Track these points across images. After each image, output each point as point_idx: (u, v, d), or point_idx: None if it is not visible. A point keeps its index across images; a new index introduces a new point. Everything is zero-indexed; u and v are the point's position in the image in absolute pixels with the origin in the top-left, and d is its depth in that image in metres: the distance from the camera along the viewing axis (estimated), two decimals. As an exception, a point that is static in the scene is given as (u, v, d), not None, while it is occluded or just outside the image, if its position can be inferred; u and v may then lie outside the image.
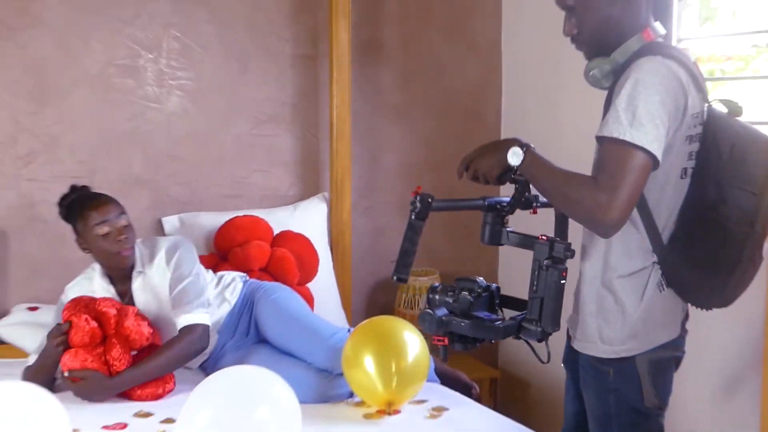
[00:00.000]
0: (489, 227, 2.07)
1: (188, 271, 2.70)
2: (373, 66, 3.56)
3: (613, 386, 2.03)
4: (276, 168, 3.46)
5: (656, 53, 1.95)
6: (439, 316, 2.02)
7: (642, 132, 1.86)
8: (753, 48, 3.04)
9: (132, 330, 2.58)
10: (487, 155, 2.04)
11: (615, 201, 1.84)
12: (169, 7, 3.24)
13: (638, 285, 2.01)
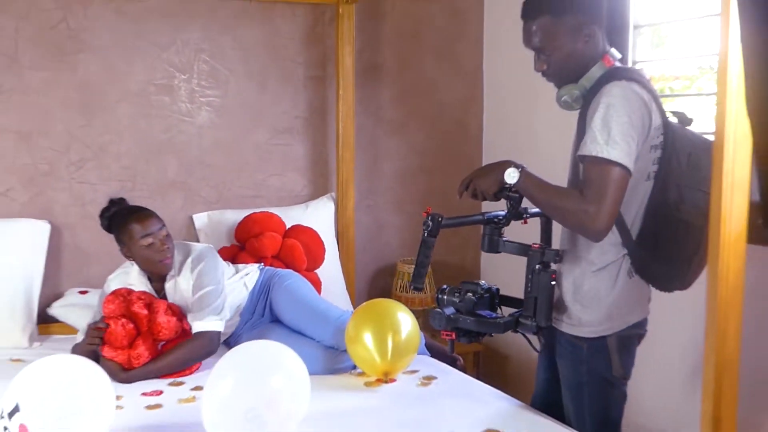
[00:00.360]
0: (488, 237, 2.11)
1: (208, 281, 2.65)
2: (373, 85, 3.59)
3: (586, 359, 2.08)
4: (290, 172, 3.49)
5: (621, 78, 1.99)
6: (448, 314, 2.09)
7: (617, 149, 1.90)
8: (698, 69, 3.04)
9: (162, 326, 2.55)
10: (486, 175, 2.07)
11: (602, 211, 1.90)
12: (199, 35, 3.28)
13: (611, 275, 2.06)
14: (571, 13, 2.02)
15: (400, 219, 3.71)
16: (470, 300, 2.09)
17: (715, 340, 1.70)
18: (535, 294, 2.04)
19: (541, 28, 2.03)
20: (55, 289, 3.14)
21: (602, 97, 1.96)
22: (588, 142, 1.93)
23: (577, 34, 2.03)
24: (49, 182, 3.16)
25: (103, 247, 3.16)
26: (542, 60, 2.07)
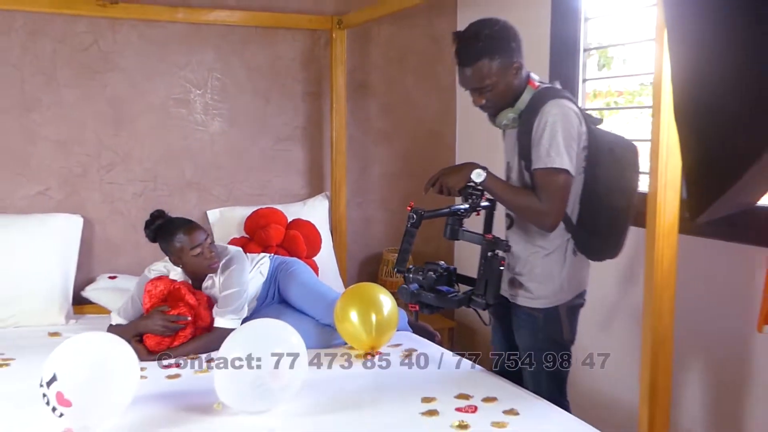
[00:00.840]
0: (450, 227, 2.12)
1: (235, 283, 2.60)
2: (362, 100, 3.59)
3: (543, 326, 2.13)
4: (291, 174, 3.49)
5: (553, 97, 2.05)
6: (412, 290, 2.10)
7: (562, 158, 1.97)
8: (639, 85, 3.06)
9: (204, 318, 2.56)
10: (454, 174, 2.09)
11: (554, 211, 2.00)
12: (212, 56, 3.28)
13: (560, 255, 2.11)
14: (502, 54, 2.03)
15: (385, 214, 3.71)
16: (431, 278, 2.10)
17: (652, 318, 1.71)
18: (486, 277, 2.06)
19: (479, 71, 2.03)
20: (88, 274, 3.14)
21: (544, 116, 2.01)
22: (541, 156, 1.99)
23: (509, 70, 2.05)
24: (82, 183, 3.15)
25: (129, 238, 3.18)
26: (481, 96, 2.08)
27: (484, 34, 2.01)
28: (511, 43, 2.05)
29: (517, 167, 2.14)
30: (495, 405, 2.05)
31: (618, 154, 2.10)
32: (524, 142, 2.07)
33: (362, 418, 1.99)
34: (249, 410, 1.99)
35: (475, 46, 2.01)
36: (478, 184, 2.04)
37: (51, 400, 1.83)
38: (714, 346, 2.47)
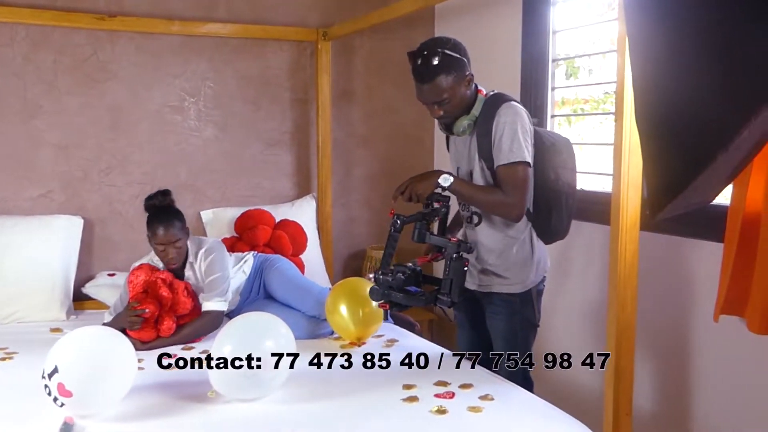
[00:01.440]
0: (417, 231, 2.11)
1: (218, 269, 2.60)
2: (346, 107, 3.58)
3: (519, 309, 2.17)
4: (280, 177, 3.47)
5: (506, 101, 2.11)
6: (382, 291, 2.08)
7: (522, 152, 2.03)
8: (603, 94, 3.07)
9: (182, 305, 2.51)
10: (422, 181, 2.10)
11: (519, 201, 2.06)
12: (205, 66, 3.26)
13: (527, 243, 2.17)
14: (456, 69, 2.06)
15: (369, 214, 3.71)
16: (400, 279, 2.08)
17: (616, 307, 1.72)
18: (452, 276, 2.06)
19: (436, 87, 2.05)
20: (88, 272, 3.10)
21: (501, 118, 2.07)
22: (504, 152, 2.05)
23: (462, 82, 2.08)
24: (82, 185, 3.12)
25: (127, 237, 3.15)
26: (439, 109, 2.10)
27: (440, 52, 2.03)
28: (463, 57, 2.09)
29: (478, 168, 2.17)
30: (471, 391, 2.05)
31: (559, 146, 2.20)
32: (484, 144, 2.11)
33: (348, 404, 1.98)
34: (241, 398, 1.98)
35: (432, 64, 2.03)
36: (446, 188, 2.07)
37: (53, 391, 1.82)
38: (674, 335, 2.50)
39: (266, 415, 1.91)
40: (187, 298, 2.56)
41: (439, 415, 1.89)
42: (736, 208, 2.13)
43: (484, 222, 2.20)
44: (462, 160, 2.24)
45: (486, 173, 2.14)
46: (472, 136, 2.17)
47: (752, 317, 2.10)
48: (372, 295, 2.10)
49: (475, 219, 2.23)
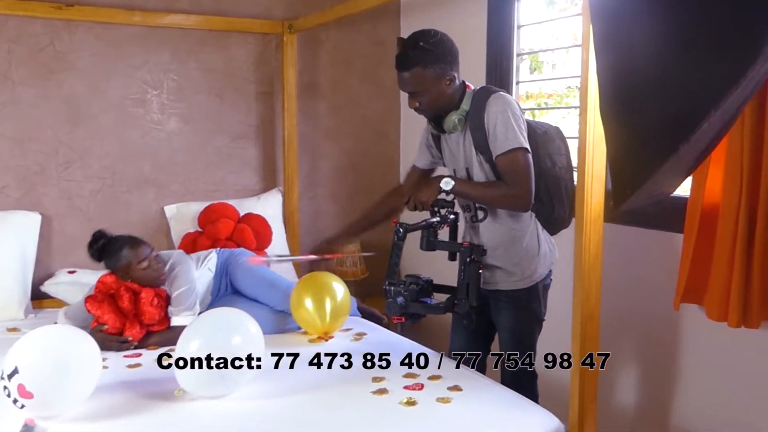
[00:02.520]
0: (425, 239, 2.09)
1: (183, 282, 2.55)
2: (312, 100, 3.56)
3: (526, 304, 2.16)
4: (245, 170, 3.44)
5: (494, 92, 2.10)
6: (400, 303, 2.08)
7: (518, 138, 2.01)
8: (567, 88, 3.13)
9: (148, 314, 2.46)
10: (424, 188, 2.09)
11: (525, 189, 2.03)
12: (168, 58, 3.20)
13: (534, 235, 2.15)
14: (435, 65, 2.04)
15: (335, 207, 3.71)
16: (414, 290, 2.09)
17: (581, 297, 1.75)
18: (467, 281, 2.07)
19: (413, 77, 2.05)
20: (47, 269, 3.02)
21: (491, 108, 2.05)
22: (500, 142, 2.02)
23: (441, 79, 2.07)
24: (40, 180, 3.04)
25: (87, 233, 3.03)
26: (415, 100, 2.10)
27: (420, 44, 2.03)
28: (447, 56, 2.07)
29: (476, 163, 2.14)
30: (440, 383, 2.07)
31: (551, 134, 2.19)
32: (479, 138, 2.09)
33: (317, 398, 1.99)
34: (209, 395, 1.96)
35: (411, 54, 2.03)
36: (449, 191, 2.05)
37: (12, 393, 1.77)
38: (637, 323, 2.56)
39: (234, 411, 1.90)
40: (155, 308, 2.49)
41: (409, 406, 1.90)
42: (695, 200, 2.20)
43: (489, 218, 2.18)
44: (458, 159, 2.22)
45: (485, 167, 2.12)
46: (465, 133, 2.15)
47: (711, 305, 2.17)
48: (388, 310, 2.09)
49: (480, 215, 2.20)
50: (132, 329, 2.45)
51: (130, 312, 2.46)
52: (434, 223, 2.09)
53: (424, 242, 2.10)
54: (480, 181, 2.16)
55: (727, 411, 2.28)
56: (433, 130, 2.27)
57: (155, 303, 2.50)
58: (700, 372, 2.35)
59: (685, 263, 2.23)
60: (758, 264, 2.02)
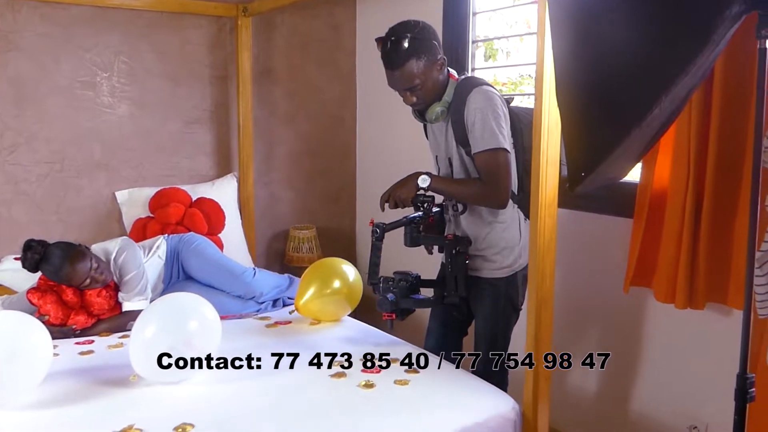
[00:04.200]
0: (409, 235, 2.09)
1: (131, 268, 2.52)
2: (268, 85, 3.52)
3: (504, 293, 2.16)
4: (199, 155, 3.38)
5: (476, 85, 2.07)
6: (392, 299, 2.07)
7: (496, 138, 2.00)
8: (520, 76, 3.18)
9: (96, 305, 2.43)
10: (402, 187, 2.08)
11: (500, 189, 2.03)
12: (119, 40, 3.11)
13: (515, 225, 2.15)
14: (427, 52, 2.02)
15: (292, 193, 3.69)
16: (403, 286, 2.10)
17: (536, 280, 1.79)
18: (455, 273, 2.08)
19: (408, 72, 2.01)
20: (-7, 256, 2.92)
21: (472, 104, 2.03)
22: (477, 140, 2.02)
23: (434, 66, 2.05)
24: (-16, 165, 2.92)
25: (35, 219, 3.00)
26: (412, 95, 2.06)
27: (409, 36, 1.99)
28: (433, 41, 2.05)
29: (457, 155, 2.14)
30: (397, 365, 2.09)
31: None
32: (459, 131, 2.08)
33: (274, 381, 1.98)
34: (165, 381, 1.94)
35: (403, 48, 1.98)
36: (426, 188, 2.05)
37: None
38: (590, 306, 2.63)
39: (190, 396, 1.88)
40: (104, 299, 2.46)
41: (367, 389, 1.92)
42: (644, 186, 2.27)
43: (470, 209, 2.19)
44: (440, 148, 2.21)
45: (465, 159, 2.12)
46: (448, 123, 2.14)
47: (659, 288, 2.25)
48: (381, 307, 2.08)
49: (460, 207, 2.20)
50: (77, 317, 2.40)
51: (76, 304, 2.42)
52: (416, 218, 2.09)
53: (407, 238, 2.09)
54: (460, 172, 2.16)
55: (675, 390, 2.37)
56: (416, 117, 2.24)
57: (103, 294, 2.46)
58: (650, 352, 2.44)
59: (634, 247, 2.30)
60: (704, 248, 2.10)
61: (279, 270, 3.33)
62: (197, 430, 1.69)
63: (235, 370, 2.06)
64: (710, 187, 2.06)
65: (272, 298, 2.73)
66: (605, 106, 1.25)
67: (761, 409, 1.91)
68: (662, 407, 2.40)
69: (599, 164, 1.24)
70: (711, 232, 2.09)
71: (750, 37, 1.36)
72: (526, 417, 1.88)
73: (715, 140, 2.03)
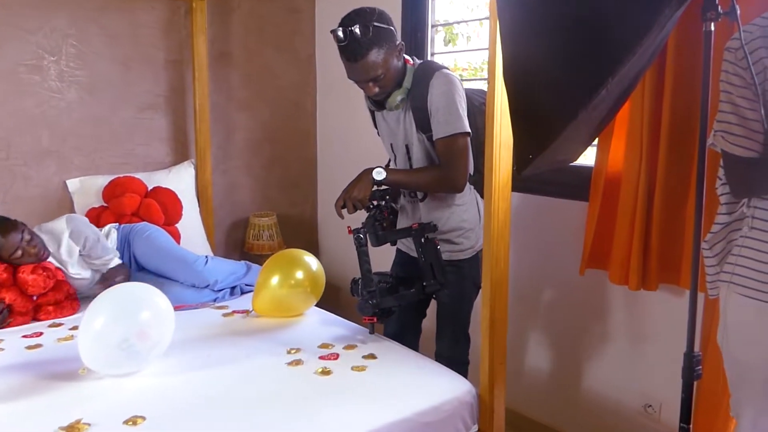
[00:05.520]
0: (373, 235, 2.05)
1: (84, 236, 2.53)
2: (225, 69, 3.46)
3: (468, 273, 2.17)
4: (155, 142, 3.31)
5: (436, 69, 2.06)
6: (372, 303, 2.04)
7: (460, 122, 2.00)
8: (482, 62, 3.14)
9: (29, 283, 2.37)
10: (356, 186, 2.03)
11: (459, 173, 2.03)
12: (66, 22, 3.00)
13: (473, 206, 2.16)
14: (387, 40, 1.98)
15: (251, 180, 3.64)
16: (384, 288, 2.08)
17: (490, 263, 1.80)
18: (429, 260, 2.07)
19: (371, 62, 1.95)
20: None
21: (434, 88, 2.01)
22: (440, 125, 2.01)
23: (394, 53, 2.01)
24: (-75, 152, 2.81)
25: None
26: (375, 85, 2.02)
27: (369, 25, 1.93)
28: (391, 27, 2.01)
29: (417, 141, 2.12)
30: (355, 351, 2.08)
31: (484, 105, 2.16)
32: (421, 117, 2.06)
33: (230, 371, 1.96)
34: (116, 373, 1.90)
35: (363, 38, 1.92)
36: (382, 181, 2.01)
37: None
38: (546, 288, 2.66)
39: (141, 389, 1.85)
40: (39, 276, 2.40)
41: (324, 375, 1.91)
42: (599, 169, 2.29)
43: (429, 195, 2.18)
44: (396, 135, 2.18)
45: (426, 144, 2.10)
46: (406, 110, 2.10)
47: (613, 270, 2.28)
48: (362, 311, 2.06)
49: (420, 194, 2.19)
50: (7, 293, 2.35)
51: (7, 281, 2.37)
52: (377, 216, 2.06)
53: (373, 238, 2.06)
54: (420, 158, 2.14)
55: (630, 370, 2.41)
56: (371, 106, 2.21)
57: (38, 272, 2.41)
58: (605, 333, 2.47)
59: (590, 230, 2.33)
60: (657, 230, 2.13)
61: (239, 259, 3.29)
62: (149, 422, 1.66)
63: (188, 360, 2.02)
64: (663, 170, 2.09)
65: (229, 285, 2.69)
66: (552, 88, 1.24)
67: (711, 387, 1.96)
68: (617, 387, 2.44)
69: (547, 147, 1.24)
70: (663, 215, 2.12)
71: (699, 20, 1.37)
72: (483, 400, 1.89)
73: (667, 124, 2.06)
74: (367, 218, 2.05)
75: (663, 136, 2.08)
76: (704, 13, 1.35)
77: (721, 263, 1.62)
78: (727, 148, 1.48)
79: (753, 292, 1.52)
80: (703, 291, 1.72)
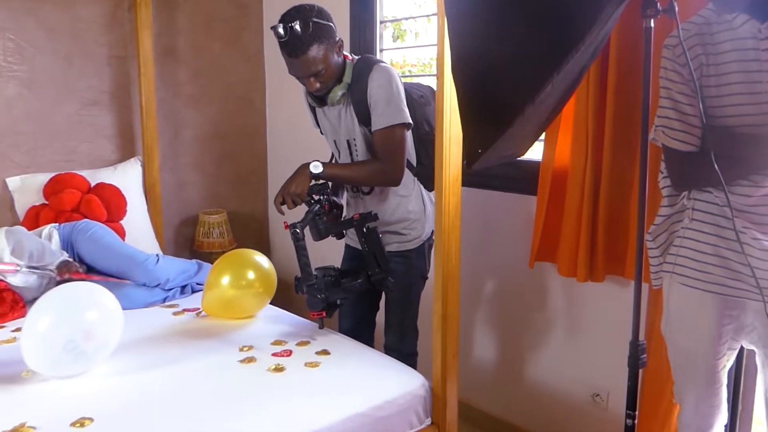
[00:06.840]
0: (315, 229, 2.05)
1: (32, 249, 2.45)
2: (172, 65, 3.39)
3: (415, 263, 2.20)
4: (99, 139, 3.22)
5: (375, 63, 2.09)
6: (321, 297, 2.03)
7: (400, 114, 2.03)
8: (430, 59, 3.18)
9: None
10: (293, 181, 2.03)
11: (396, 166, 2.06)
12: (4, 15, 2.89)
13: (418, 198, 2.19)
14: (327, 36, 2.00)
15: (200, 177, 3.58)
16: (329, 281, 2.07)
17: (442, 257, 1.81)
18: (372, 250, 2.08)
19: (312, 58, 1.98)
20: None
21: (374, 82, 2.04)
22: (379, 117, 2.03)
23: (334, 49, 2.04)
24: None
25: None
26: (316, 80, 2.04)
27: (309, 21, 1.95)
28: (330, 23, 2.03)
29: (360, 135, 2.14)
30: (308, 347, 2.08)
31: (427, 97, 2.24)
32: (362, 111, 2.08)
33: (181, 370, 1.93)
34: (62, 375, 1.85)
35: (303, 34, 1.94)
36: (319, 175, 2.02)
37: None
38: (495, 281, 2.70)
39: (88, 390, 1.81)
40: None
41: (277, 372, 1.90)
42: (546, 163, 2.34)
43: (375, 188, 2.20)
44: (339, 131, 2.19)
45: (369, 138, 2.11)
46: (347, 105, 2.12)
47: (561, 262, 2.33)
48: (311, 306, 2.04)
49: (365, 188, 2.20)
50: None
51: None
52: (317, 210, 2.05)
53: (314, 233, 2.06)
54: (364, 152, 2.16)
55: (578, 360, 2.47)
56: (312, 102, 2.21)
57: None
58: (554, 325, 2.53)
59: (538, 224, 2.37)
60: (603, 223, 2.19)
61: (189, 257, 3.24)
62: (97, 423, 1.62)
63: (137, 360, 1.98)
64: (607, 164, 2.15)
65: (179, 284, 2.64)
66: (499, 84, 1.26)
67: (656, 375, 2.02)
68: (566, 377, 2.50)
69: (495, 141, 1.26)
70: (609, 208, 2.18)
71: (639, 17, 1.41)
72: (436, 393, 1.91)
73: (611, 119, 2.11)
74: (306, 213, 2.06)
75: (608, 131, 2.14)
76: (644, 10, 1.39)
77: (664, 254, 1.67)
78: (667, 142, 1.53)
79: (694, 281, 1.58)
80: (648, 281, 1.78)
